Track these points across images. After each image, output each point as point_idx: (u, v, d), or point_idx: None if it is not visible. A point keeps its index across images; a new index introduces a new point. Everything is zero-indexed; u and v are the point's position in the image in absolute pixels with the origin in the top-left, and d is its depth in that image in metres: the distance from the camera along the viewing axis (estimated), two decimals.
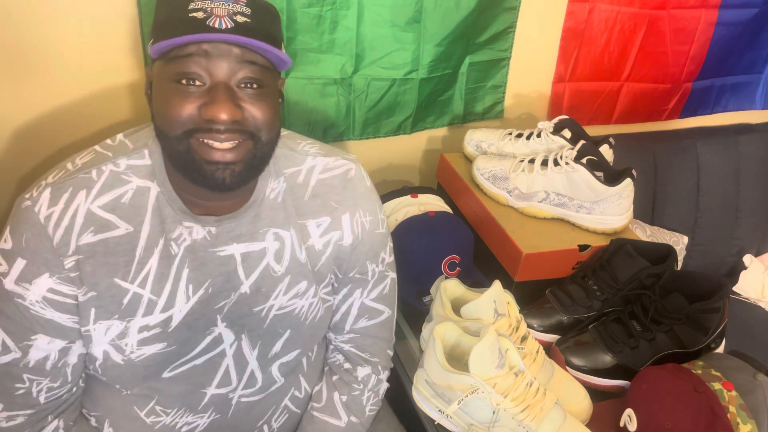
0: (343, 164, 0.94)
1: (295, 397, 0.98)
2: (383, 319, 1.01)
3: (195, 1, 0.72)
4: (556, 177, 1.22)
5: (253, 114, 0.76)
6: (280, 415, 0.98)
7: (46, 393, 0.83)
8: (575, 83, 1.56)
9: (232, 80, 0.74)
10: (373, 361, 1.01)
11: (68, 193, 0.79)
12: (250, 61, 0.74)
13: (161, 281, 0.82)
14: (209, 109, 0.73)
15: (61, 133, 1.14)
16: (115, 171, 0.81)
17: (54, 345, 0.81)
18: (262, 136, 0.78)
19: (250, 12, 0.74)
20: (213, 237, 0.83)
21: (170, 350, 0.83)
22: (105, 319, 0.81)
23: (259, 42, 0.72)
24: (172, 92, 0.74)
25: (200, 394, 0.88)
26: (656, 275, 1.11)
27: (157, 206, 0.81)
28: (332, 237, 0.91)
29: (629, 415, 0.94)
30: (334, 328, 1.01)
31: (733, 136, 1.73)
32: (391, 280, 1.01)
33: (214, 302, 0.85)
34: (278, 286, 0.88)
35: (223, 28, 0.72)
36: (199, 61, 0.72)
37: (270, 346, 0.90)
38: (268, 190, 0.87)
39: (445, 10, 1.29)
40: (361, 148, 1.43)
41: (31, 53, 1.06)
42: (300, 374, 0.98)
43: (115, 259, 0.80)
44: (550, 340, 1.13)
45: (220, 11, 0.72)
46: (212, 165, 0.75)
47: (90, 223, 0.79)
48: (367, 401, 0.99)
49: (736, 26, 1.61)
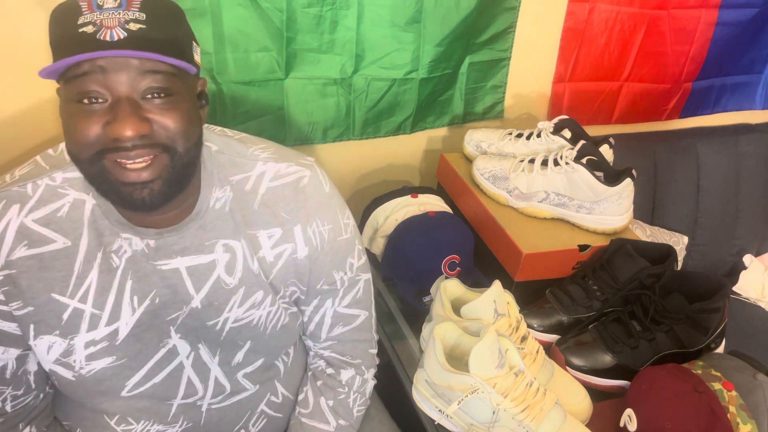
0: (295, 171, 0.88)
1: (272, 402, 0.97)
2: (360, 323, 0.98)
3: (84, 15, 0.67)
4: (556, 177, 1.22)
5: (163, 125, 0.71)
6: (258, 420, 0.96)
7: (12, 401, 0.83)
8: (575, 83, 1.56)
9: (135, 93, 0.69)
10: (356, 363, 0.99)
11: (0, 206, 0.77)
12: (151, 71, 0.69)
13: (103, 294, 0.79)
14: (113, 127, 0.68)
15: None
16: (50, 185, 0.79)
17: (8, 354, 0.80)
18: (177, 147, 0.72)
19: (144, 17, 0.68)
20: (152, 250, 0.80)
21: (121, 363, 0.81)
22: (45, 334, 0.79)
23: (153, 54, 0.67)
24: (75, 113, 0.69)
25: (167, 406, 0.87)
26: (656, 275, 1.11)
27: (92, 219, 0.79)
28: (284, 250, 0.87)
29: (629, 415, 0.94)
30: (311, 337, 0.99)
31: (733, 136, 1.73)
32: (364, 282, 0.97)
33: (165, 314, 0.82)
34: (232, 299, 0.85)
35: (116, 40, 0.66)
36: (95, 78, 0.68)
37: (231, 356, 0.88)
38: (213, 200, 0.83)
39: (445, 10, 1.29)
40: (361, 148, 1.43)
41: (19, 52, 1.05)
42: (276, 380, 0.96)
43: (52, 273, 0.77)
44: (550, 340, 1.13)
45: (110, 22, 0.67)
46: (129, 186, 0.71)
47: (23, 237, 0.76)
48: (353, 403, 0.99)
49: (736, 26, 1.61)
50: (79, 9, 0.67)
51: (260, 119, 1.28)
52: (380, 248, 1.26)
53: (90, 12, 0.67)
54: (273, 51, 1.22)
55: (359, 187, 1.50)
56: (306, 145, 1.36)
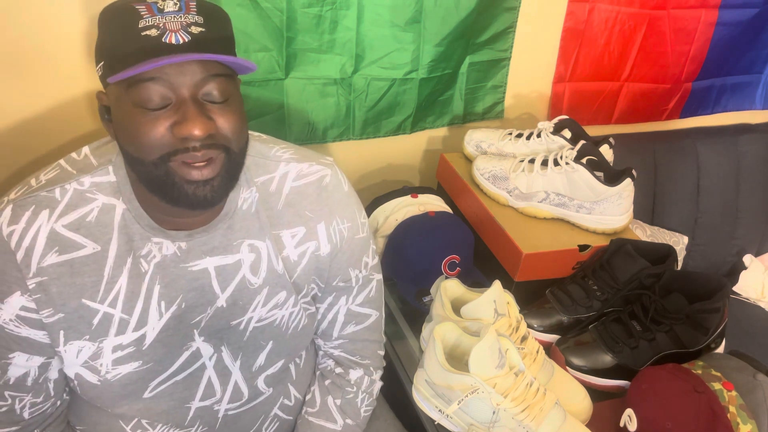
0: (317, 170, 0.90)
1: (285, 405, 0.97)
2: (371, 323, 0.99)
3: (144, 18, 0.68)
4: (556, 177, 1.22)
5: (223, 126, 0.73)
6: (271, 424, 0.97)
7: (30, 408, 0.82)
8: (575, 83, 1.56)
9: (199, 94, 0.71)
10: (365, 363, 1.00)
11: (30, 212, 0.76)
12: (214, 75, 0.71)
13: (132, 299, 0.79)
14: (182, 127, 0.69)
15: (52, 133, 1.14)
16: (79, 189, 0.78)
17: (33, 362, 0.80)
18: (233, 147, 0.75)
19: (203, 20, 0.70)
20: (184, 252, 0.81)
21: (146, 368, 0.82)
22: (75, 340, 0.79)
23: (222, 56, 0.70)
24: (139, 117, 0.70)
25: (185, 409, 0.87)
26: (656, 275, 1.11)
27: (123, 224, 0.79)
28: (308, 248, 0.88)
29: (629, 415, 0.94)
30: (323, 335, 1.00)
31: (733, 136, 1.73)
32: (376, 282, 0.99)
33: (190, 317, 0.83)
34: (256, 298, 0.86)
35: (181, 43, 0.68)
36: (162, 82, 0.69)
37: (253, 359, 0.89)
38: (240, 201, 0.84)
39: (445, 10, 1.29)
40: (361, 148, 1.43)
41: (26, 54, 1.05)
42: (288, 382, 0.97)
43: (82, 279, 0.77)
44: (550, 340, 1.13)
45: (173, 25, 0.68)
46: (192, 184, 0.72)
47: (54, 243, 0.76)
48: (361, 403, 0.99)
49: (736, 26, 1.61)
50: (137, 12, 0.68)
51: (260, 119, 1.28)
52: (380, 248, 1.26)
53: (151, 15, 0.68)
54: (273, 51, 1.22)
55: (359, 187, 1.50)
56: (306, 145, 1.36)
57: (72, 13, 1.04)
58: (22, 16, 1.03)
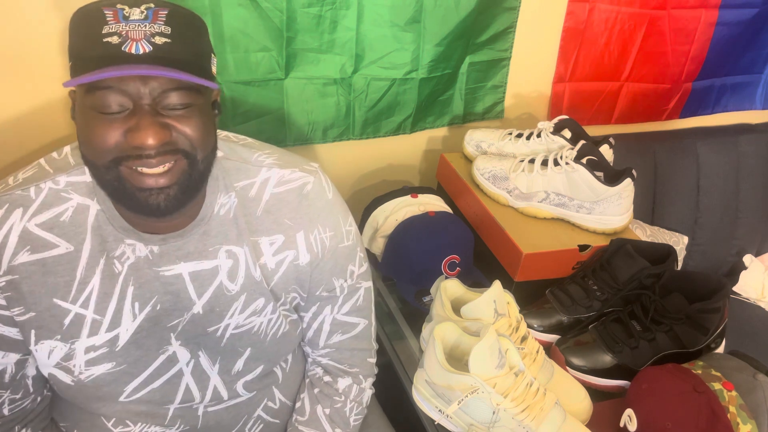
0: (299, 177, 0.88)
1: (269, 407, 0.97)
2: (359, 332, 0.98)
3: (109, 24, 0.66)
4: (556, 177, 1.22)
5: (183, 132, 0.71)
6: (254, 425, 0.96)
7: (9, 405, 0.82)
8: (575, 83, 1.56)
9: (157, 104, 0.69)
10: (353, 372, 0.99)
11: (3, 210, 0.76)
12: (174, 88, 0.69)
13: (105, 300, 0.79)
14: (135, 135, 0.68)
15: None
16: (54, 189, 0.78)
17: (8, 359, 0.80)
18: (197, 155, 0.73)
19: (170, 31, 0.68)
20: (156, 256, 0.80)
21: (120, 369, 0.81)
22: (46, 339, 0.78)
23: (179, 74, 0.67)
24: (94, 120, 0.69)
25: (164, 410, 0.87)
26: (656, 275, 1.11)
27: (96, 225, 0.78)
28: (286, 256, 0.87)
29: (629, 415, 0.94)
30: (310, 344, 0.99)
31: (733, 136, 1.73)
32: (365, 290, 0.97)
33: (166, 320, 0.82)
34: (233, 305, 0.85)
35: (141, 54, 0.66)
36: (118, 90, 0.68)
37: (231, 363, 0.88)
38: (218, 206, 0.83)
39: (445, 10, 1.29)
40: (361, 148, 1.43)
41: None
42: (273, 386, 0.96)
43: (55, 279, 0.77)
44: (550, 340, 1.13)
45: (136, 34, 0.66)
46: (144, 192, 0.71)
47: (26, 242, 0.76)
48: (350, 412, 0.98)
49: (736, 26, 1.61)
50: (103, 17, 0.67)
51: (260, 119, 1.28)
52: (380, 248, 1.26)
53: (116, 22, 0.67)
54: (273, 51, 1.22)
55: (359, 187, 1.50)
56: (306, 145, 1.37)
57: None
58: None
